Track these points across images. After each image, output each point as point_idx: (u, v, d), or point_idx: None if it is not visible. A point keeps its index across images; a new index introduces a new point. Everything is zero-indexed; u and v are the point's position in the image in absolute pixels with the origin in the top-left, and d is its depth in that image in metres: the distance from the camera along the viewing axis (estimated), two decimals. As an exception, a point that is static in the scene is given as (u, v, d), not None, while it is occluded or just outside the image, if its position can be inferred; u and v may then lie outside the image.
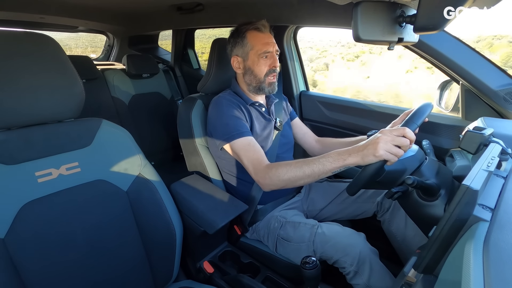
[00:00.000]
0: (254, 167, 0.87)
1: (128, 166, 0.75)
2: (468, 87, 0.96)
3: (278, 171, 0.82)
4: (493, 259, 0.33)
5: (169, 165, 1.96)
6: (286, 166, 0.81)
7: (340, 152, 0.74)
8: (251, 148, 0.90)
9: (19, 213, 0.60)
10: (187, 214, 0.88)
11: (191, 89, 2.33)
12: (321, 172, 0.75)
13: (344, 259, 0.83)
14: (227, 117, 0.94)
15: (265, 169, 0.85)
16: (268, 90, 1.01)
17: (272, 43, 0.98)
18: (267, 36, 0.98)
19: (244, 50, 0.99)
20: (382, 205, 1.03)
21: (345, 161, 0.72)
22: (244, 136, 0.91)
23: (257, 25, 0.97)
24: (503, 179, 0.55)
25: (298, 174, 0.78)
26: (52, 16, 1.72)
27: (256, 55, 0.97)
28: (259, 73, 0.99)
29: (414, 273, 0.52)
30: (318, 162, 0.76)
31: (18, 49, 0.60)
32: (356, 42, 0.64)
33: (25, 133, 0.64)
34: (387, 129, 0.70)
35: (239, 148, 0.91)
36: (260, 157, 0.88)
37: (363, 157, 0.68)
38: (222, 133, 0.94)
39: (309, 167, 0.77)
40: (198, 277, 0.97)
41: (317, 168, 0.76)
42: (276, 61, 0.99)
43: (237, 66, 1.02)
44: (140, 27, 2.16)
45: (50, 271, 0.63)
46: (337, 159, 0.73)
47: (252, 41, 0.97)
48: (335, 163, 0.73)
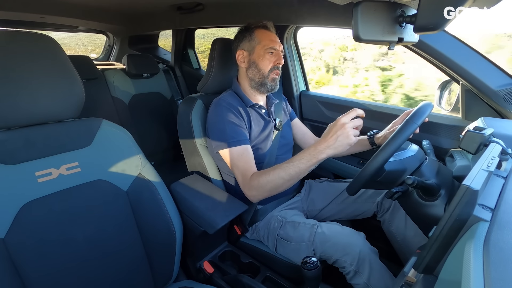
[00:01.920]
0: (243, 178, 0.91)
1: (128, 166, 0.75)
2: (468, 87, 0.96)
3: (259, 181, 0.86)
4: (493, 259, 0.33)
5: (169, 165, 1.96)
6: (266, 175, 0.85)
7: (310, 152, 0.79)
8: (243, 158, 0.93)
9: (19, 213, 0.60)
10: (187, 214, 0.88)
11: (191, 89, 2.33)
12: (299, 174, 0.81)
13: (344, 258, 0.83)
14: (225, 123, 0.95)
15: (249, 181, 0.89)
16: (270, 85, 1.02)
17: (278, 42, 1.01)
18: (274, 35, 1.02)
19: (251, 44, 1.01)
20: (382, 205, 1.03)
21: (318, 158, 0.78)
22: (239, 145, 0.93)
23: (266, 23, 1.02)
24: (503, 179, 0.55)
25: (278, 181, 0.83)
26: (52, 16, 1.72)
27: (262, 50, 0.99)
28: (264, 68, 1.00)
29: (414, 273, 0.52)
30: (292, 165, 0.81)
31: (18, 49, 0.60)
32: (356, 42, 0.64)
33: (25, 133, 0.64)
34: (337, 123, 0.77)
35: (231, 157, 0.93)
36: (249, 168, 0.91)
37: (336, 147, 0.75)
38: (218, 139, 0.95)
39: (285, 171, 0.82)
40: (198, 277, 0.97)
41: (293, 171, 0.81)
42: (281, 59, 1.01)
43: (242, 60, 1.03)
44: (140, 27, 2.16)
45: (50, 271, 0.63)
46: (309, 159, 0.79)
47: (259, 36, 1.00)
48: (309, 162, 0.79)
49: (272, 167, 0.86)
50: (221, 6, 1.47)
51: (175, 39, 2.21)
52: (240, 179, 0.92)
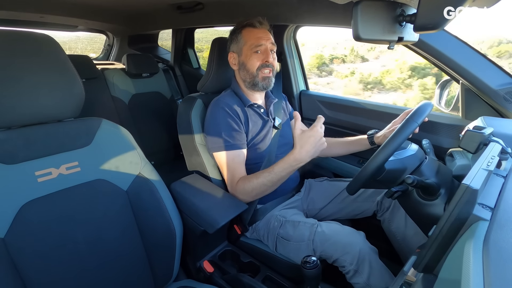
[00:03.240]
0: (231, 182, 0.96)
1: (128, 165, 0.75)
2: (468, 86, 0.96)
3: (244, 187, 0.92)
4: (493, 258, 0.33)
5: (169, 165, 1.96)
6: (250, 182, 0.91)
7: (285, 162, 0.87)
8: (234, 163, 0.96)
9: (19, 213, 0.60)
10: (187, 213, 0.88)
11: (191, 88, 2.33)
12: (279, 180, 0.89)
13: (343, 258, 0.83)
14: (221, 126, 0.96)
15: (235, 186, 0.94)
16: (262, 85, 1.00)
17: (265, 37, 0.98)
18: (262, 31, 0.99)
19: (238, 46, 1.01)
20: (382, 204, 1.03)
21: (294, 167, 0.87)
22: (233, 149, 0.95)
23: (252, 21, 0.99)
24: (503, 178, 0.55)
25: (261, 188, 0.91)
26: (52, 16, 1.72)
27: (249, 50, 0.98)
28: (251, 68, 0.99)
29: (414, 272, 0.52)
30: (273, 172, 0.88)
31: (18, 49, 0.60)
32: (356, 41, 0.64)
33: (25, 133, 0.64)
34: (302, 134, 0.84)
35: (224, 160, 0.96)
36: (237, 173, 0.95)
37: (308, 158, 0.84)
38: (213, 141, 0.97)
39: (267, 179, 0.89)
40: (198, 277, 0.97)
41: (274, 178, 0.88)
42: (268, 56, 0.98)
43: (233, 63, 1.04)
44: (140, 26, 2.15)
45: (50, 271, 0.63)
46: (286, 168, 0.87)
47: (245, 36, 0.99)
48: (286, 170, 0.87)
49: (256, 173, 0.92)
50: (221, 5, 1.47)
51: (175, 39, 2.21)
52: (228, 182, 0.97)
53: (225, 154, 0.95)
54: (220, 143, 0.95)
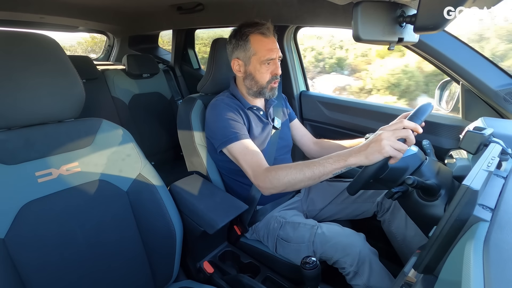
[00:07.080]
0: (253, 171, 0.86)
1: (128, 166, 0.75)
2: (468, 87, 0.96)
3: (278, 174, 0.80)
4: (493, 259, 0.33)
5: (169, 165, 1.96)
6: (286, 169, 0.79)
7: (340, 153, 0.72)
8: (249, 151, 0.89)
9: (19, 213, 0.60)
10: (187, 214, 0.88)
11: (191, 89, 2.33)
12: (322, 174, 0.74)
13: (344, 259, 0.83)
14: (225, 120, 0.93)
15: (264, 172, 0.83)
16: (268, 94, 1.00)
17: (276, 49, 0.94)
18: (271, 41, 0.94)
19: (246, 54, 0.94)
20: (382, 205, 1.03)
21: (346, 161, 0.70)
22: (242, 139, 0.90)
23: (262, 29, 0.92)
24: (503, 179, 0.55)
25: (298, 177, 0.77)
26: (52, 16, 1.72)
27: (258, 62, 0.94)
28: (261, 80, 0.96)
29: (414, 273, 0.52)
30: (318, 164, 0.74)
31: (19, 49, 0.60)
32: (356, 42, 0.64)
33: (26, 133, 0.64)
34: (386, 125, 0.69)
35: (237, 152, 0.89)
36: (259, 160, 0.87)
37: (367, 155, 0.66)
38: (220, 136, 0.93)
39: (309, 169, 0.75)
40: (198, 277, 0.97)
41: (317, 170, 0.74)
42: (278, 68, 0.96)
43: (238, 69, 0.99)
44: (140, 27, 2.16)
45: (50, 271, 0.63)
46: (337, 160, 0.72)
47: (255, 46, 0.93)
48: (336, 164, 0.72)
49: (294, 163, 0.81)
50: (221, 6, 1.47)
51: (175, 39, 2.22)
52: (250, 172, 0.87)
53: (239, 144, 0.90)
54: (228, 136, 0.91)
